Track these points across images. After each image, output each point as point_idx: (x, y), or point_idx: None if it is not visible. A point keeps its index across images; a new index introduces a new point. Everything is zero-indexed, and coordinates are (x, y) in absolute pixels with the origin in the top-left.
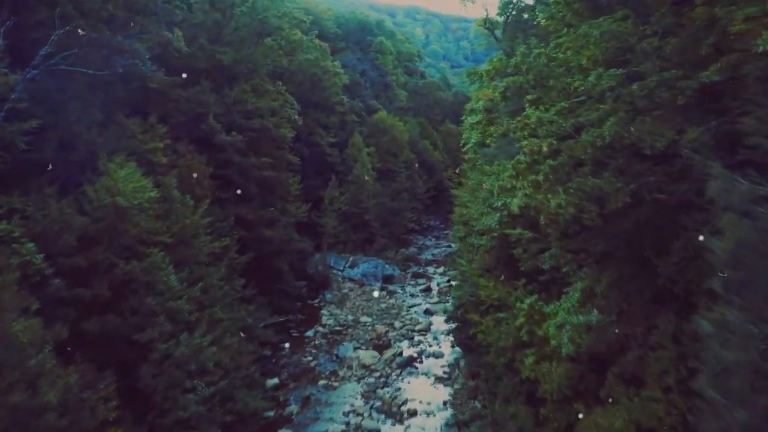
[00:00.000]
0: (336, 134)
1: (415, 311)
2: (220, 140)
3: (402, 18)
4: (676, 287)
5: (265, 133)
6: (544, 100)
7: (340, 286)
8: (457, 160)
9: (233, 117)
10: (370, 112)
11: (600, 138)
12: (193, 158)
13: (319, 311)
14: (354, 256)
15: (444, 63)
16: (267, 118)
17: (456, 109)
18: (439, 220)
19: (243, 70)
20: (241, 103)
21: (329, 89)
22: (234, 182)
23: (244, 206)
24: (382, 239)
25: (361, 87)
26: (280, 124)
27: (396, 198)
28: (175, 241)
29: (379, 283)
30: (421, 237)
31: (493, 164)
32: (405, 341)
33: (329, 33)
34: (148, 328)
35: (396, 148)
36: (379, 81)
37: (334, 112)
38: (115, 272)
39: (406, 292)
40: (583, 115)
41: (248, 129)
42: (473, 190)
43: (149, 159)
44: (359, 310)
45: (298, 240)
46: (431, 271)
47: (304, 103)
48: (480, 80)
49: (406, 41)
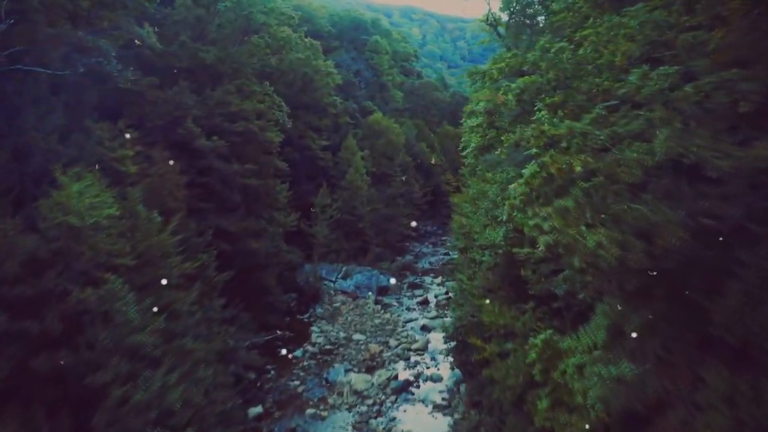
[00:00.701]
0: (329, 137)
1: (412, 327)
2: (200, 145)
3: (398, 18)
4: (731, 336)
5: (250, 137)
6: (568, 104)
7: (332, 299)
8: (455, 164)
9: (215, 120)
10: (364, 113)
11: (650, 155)
12: (167, 166)
13: (309, 327)
14: (347, 266)
15: (441, 63)
16: (252, 121)
17: (454, 110)
18: (436, 226)
19: (227, 70)
20: (225, 104)
21: (321, 90)
22: (215, 191)
23: (227, 217)
24: (376, 248)
25: (355, 87)
26: (267, 127)
27: (391, 204)
28: (140, 262)
29: (373, 296)
30: (417, 244)
31: (496, 172)
32: (400, 362)
33: (323, 31)
34: (102, 368)
35: (391, 151)
36: (375, 81)
37: (327, 114)
38: (68, 301)
39: (402, 305)
40: (620, 124)
41: (232, 133)
42: (474, 199)
43: (117, 168)
44: (352, 327)
45: (287, 251)
46: (428, 281)
47: (294, 104)
48: (481, 80)
49: (402, 40)
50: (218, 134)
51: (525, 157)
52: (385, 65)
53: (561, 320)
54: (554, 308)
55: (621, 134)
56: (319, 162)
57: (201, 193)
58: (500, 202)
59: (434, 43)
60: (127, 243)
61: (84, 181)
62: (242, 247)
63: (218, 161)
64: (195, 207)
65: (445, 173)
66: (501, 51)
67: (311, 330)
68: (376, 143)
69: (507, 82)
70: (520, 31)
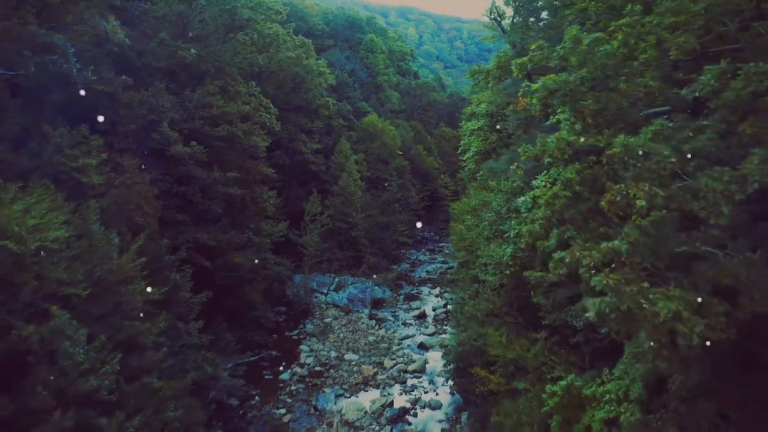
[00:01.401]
0: (321, 140)
1: (409, 345)
2: (177, 152)
3: (395, 18)
4: None
5: (234, 141)
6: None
7: (324, 313)
8: (453, 166)
9: (195, 124)
10: (358, 115)
11: (739, 184)
12: (137, 176)
13: (298, 345)
14: (340, 277)
15: (437, 63)
16: (237, 125)
17: (451, 111)
18: (433, 231)
19: (209, 69)
20: (206, 107)
21: (313, 90)
22: (194, 201)
23: (207, 229)
24: (371, 258)
25: (349, 88)
26: (253, 130)
27: (387, 210)
28: (96, 291)
29: (367, 310)
30: (414, 251)
31: (500, 179)
32: (396, 386)
33: (316, 29)
34: (44, 422)
35: (387, 155)
36: (369, 81)
37: (319, 116)
38: (9, 339)
39: (397, 319)
40: (690, 141)
41: (213, 137)
42: (476, 209)
43: (78, 180)
44: (344, 345)
45: (276, 262)
46: (425, 292)
47: (284, 106)
48: (484, 80)
49: (398, 39)
50: (198, 139)
51: (534, 166)
52: (380, 65)
53: (579, 355)
54: (572, 342)
55: (692, 153)
56: (311, 166)
57: (178, 204)
58: (505, 214)
59: (431, 43)
60: (81, 269)
61: (32, 197)
62: (224, 262)
63: (198, 168)
64: (171, 219)
65: (443, 177)
66: (505, 48)
67: (300, 349)
68: (371, 146)
69: (527, 83)
70: (527, 25)
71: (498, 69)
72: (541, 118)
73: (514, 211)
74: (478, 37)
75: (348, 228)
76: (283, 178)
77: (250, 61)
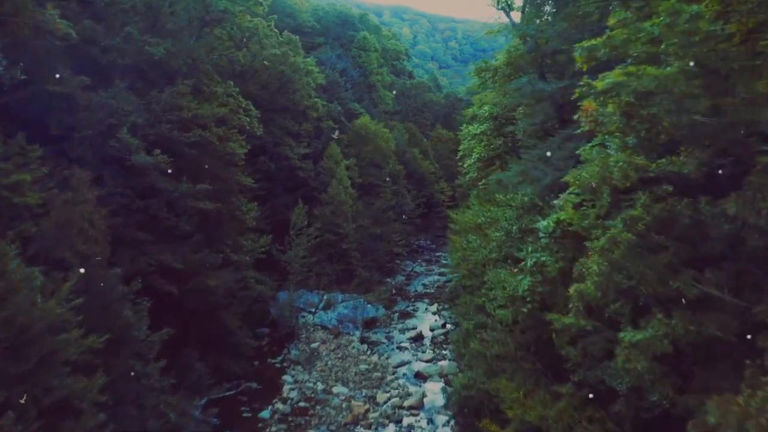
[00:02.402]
0: (309, 143)
1: (404, 374)
2: (138, 161)
3: (389, 17)
4: None
5: (207, 148)
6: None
7: (310, 336)
8: (450, 170)
9: (162, 128)
10: (350, 117)
11: None
12: (83, 193)
13: (281, 375)
14: (329, 294)
15: (432, 64)
16: (211, 129)
17: (448, 112)
18: (429, 240)
19: (181, 67)
20: (176, 109)
21: (300, 91)
22: (159, 218)
23: (174, 249)
24: (363, 272)
25: (340, 88)
26: (230, 135)
27: (380, 219)
28: (15, 343)
29: (358, 332)
30: (409, 262)
31: (509, 192)
32: (390, 426)
33: (305, 26)
34: None
35: (380, 159)
36: (362, 81)
37: (307, 118)
38: None
39: (392, 341)
40: None
41: (184, 144)
42: (480, 227)
43: (9, 200)
44: (332, 375)
45: (258, 280)
46: (422, 309)
47: (269, 107)
48: (492, 78)
49: (392, 38)
50: (166, 146)
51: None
52: (373, 64)
53: (618, 421)
54: (611, 410)
55: None
56: (298, 172)
57: (140, 222)
58: (516, 234)
59: (425, 43)
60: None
61: None
62: (196, 285)
63: (163, 180)
64: (131, 239)
65: (440, 181)
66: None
67: (283, 380)
68: (364, 150)
69: (587, 79)
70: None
71: (508, 66)
72: (555, 123)
73: (528, 232)
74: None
75: (338, 240)
76: (267, 186)
77: (231, 58)
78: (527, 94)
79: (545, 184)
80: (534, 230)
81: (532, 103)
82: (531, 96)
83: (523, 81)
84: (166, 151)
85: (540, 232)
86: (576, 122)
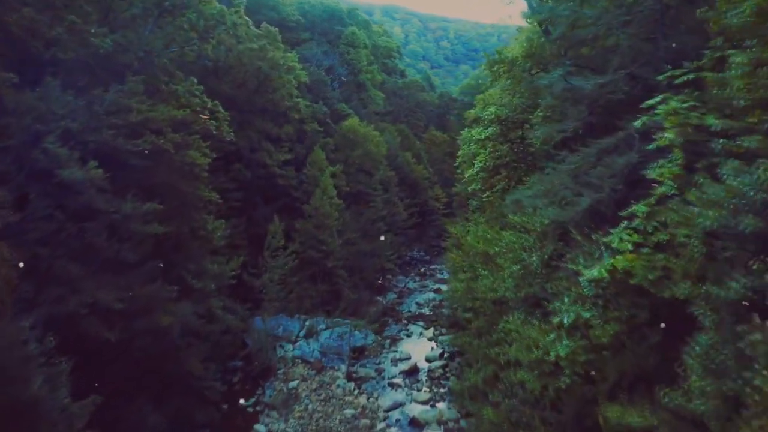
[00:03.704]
0: (291, 148)
1: (398, 419)
2: (68, 177)
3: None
4: None
5: (161, 158)
6: None
7: (289, 372)
8: (445, 174)
9: (104, 135)
10: (337, 118)
11: None
12: None
13: (253, 423)
14: (311, 318)
15: (424, 63)
16: (166, 135)
17: (442, 113)
18: (423, 251)
19: (132, 62)
20: (123, 111)
21: (281, 90)
22: (96, 246)
23: (116, 285)
24: (351, 294)
25: (326, 87)
26: (191, 142)
27: (370, 232)
28: None
29: (344, 366)
30: (402, 276)
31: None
32: None
33: (289, 21)
34: None
35: (370, 165)
36: (351, 80)
37: (289, 120)
38: None
39: (382, 375)
40: None
41: (131, 154)
42: (491, 257)
43: None
44: (313, 423)
45: (227, 308)
46: (416, 333)
47: (247, 109)
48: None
49: (383, 34)
50: (108, 156)
51: (592, 202)
52: (363, 61)
53: None
54: None
55: None
56: (279, 180)
57: (73, 252)
58: (537, 268)
59: (417, 42)
60: None
61: None
62: (146, 326)
63: (101, 199)
64: (60, 274)
65: (434, 187)
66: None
67: (255, 429)
68: (352, 155)
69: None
70: None
71: (527, 58)
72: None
73: (554, 269)
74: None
75: (322, 257)
76: (244, 197)
77: (200, 53)
78: (558, 93)
79: (581, 209)
80: (563, 266)
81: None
82: (562, 95)
83: (555, 76)
84: (110, 163)
85: (584, 288)
86: (623, 129)
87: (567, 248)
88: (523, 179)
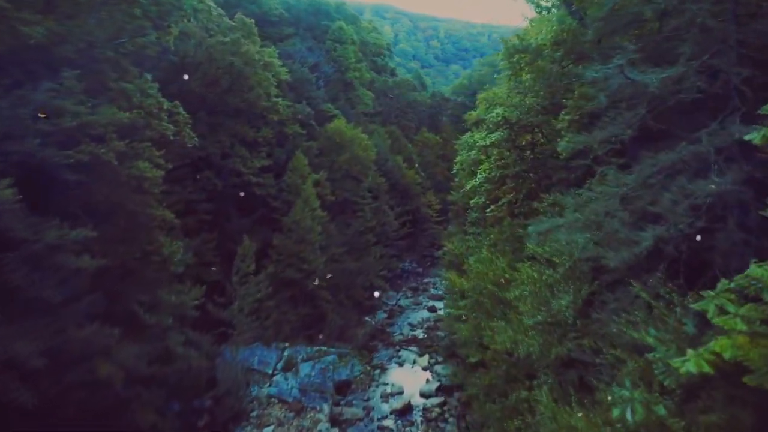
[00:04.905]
0: (270, 153)
1: None
2: None
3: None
4: None
5: (103, 171)
6: None
7: (263, 415)
8: (438, 178)
9: (29, 144)
10: (322, 120)
11: None
12: None
13: None
14: (291, 347)
15: (414, 63)
16: (110, 143)
17: (434, 113)
18: (415, 262)
19: (71, 55)
20: (54, 114)
21: (257, 88)
22: (13, 285)
23: (37, 333)
24: (336, 318)
25: (311, 86)
26: (141, 151)
27: (357, 245)
28: None
29: (327, 406)
30: (392, 292)
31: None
32: None
33: (272, 15)
34: None
35: (358, 170)
36: (337, 78)
37: (267, 122)
38: None
39: (371, 416)
40: None
41: (64, 167)
42: (509, 303)
43: None
44: None
45: (190, 341)
46: (410, 360)
47: (219, 110)
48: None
49: (372, 30)
50: (34, 170)
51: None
52: (351, 58)
53: None
54: None
55: None
56: (255, 189)
57: None
58: (570, 316)
59: (407, 42)
60: None
61: None
62: (79, 379)
63: (19, 226)
64: None
65: (427, 193)
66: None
67: None
68: (338, 160)
69: None
70: None
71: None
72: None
73: (601, 330)
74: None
75: (303, 277)
76: (215, 209)
77: (163, 47)
78: (614, 89)
79: (639, 251)
80: (604, 318)
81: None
82: (618, 93)
83: (612, 68)
84: (36, 179)
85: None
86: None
87: (607, 293)
88: (540, 195)
